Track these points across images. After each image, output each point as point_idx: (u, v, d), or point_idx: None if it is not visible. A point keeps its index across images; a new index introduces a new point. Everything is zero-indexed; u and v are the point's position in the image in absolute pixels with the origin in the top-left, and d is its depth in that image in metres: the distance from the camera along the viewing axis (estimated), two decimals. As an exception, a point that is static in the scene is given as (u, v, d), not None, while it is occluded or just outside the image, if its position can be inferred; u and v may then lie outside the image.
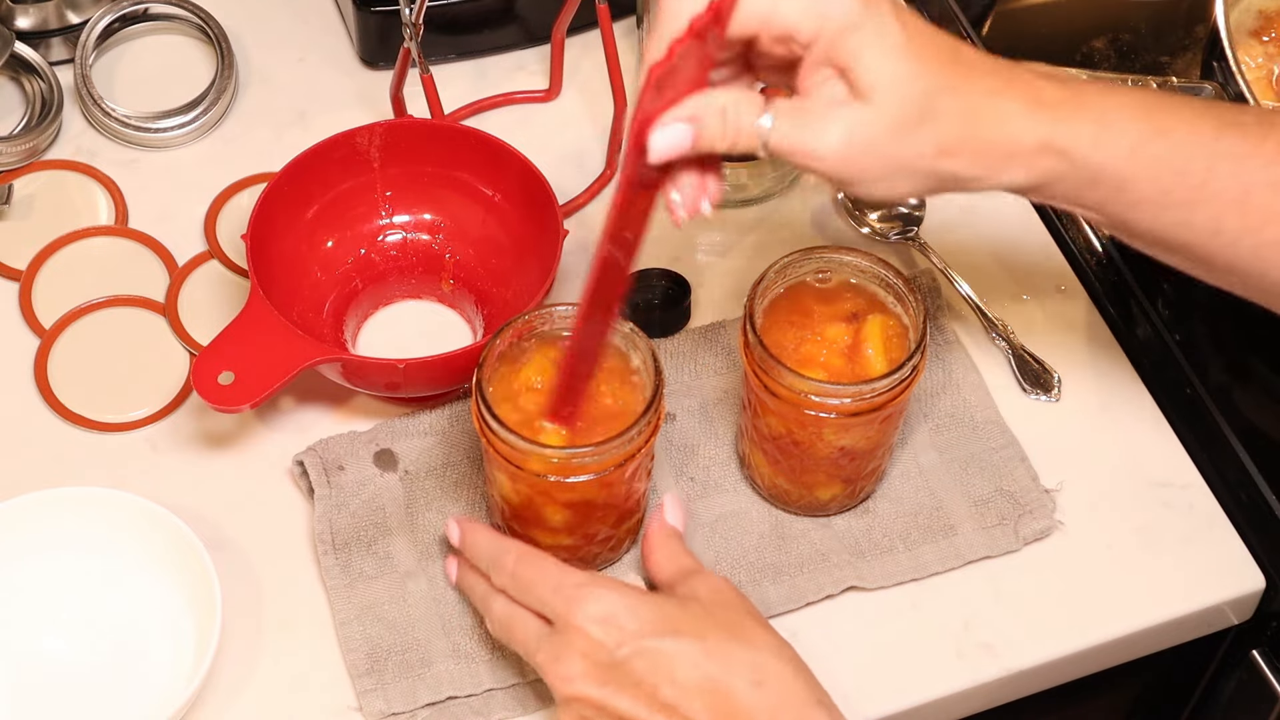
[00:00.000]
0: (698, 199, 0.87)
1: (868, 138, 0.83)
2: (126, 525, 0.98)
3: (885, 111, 0.83)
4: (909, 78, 0.83)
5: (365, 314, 1.11)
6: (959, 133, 0.84)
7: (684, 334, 1.10)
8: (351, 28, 1.23)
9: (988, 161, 0.85)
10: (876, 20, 0.82)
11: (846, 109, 0.83)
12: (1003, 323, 1.11)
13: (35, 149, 1.17)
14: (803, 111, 0.84)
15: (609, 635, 0.88)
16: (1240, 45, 1.11)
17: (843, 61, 0.83)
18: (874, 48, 0.82)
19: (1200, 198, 0.85)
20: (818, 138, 0.83)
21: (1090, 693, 1.06)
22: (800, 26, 0.82)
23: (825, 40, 0.82)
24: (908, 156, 0.84)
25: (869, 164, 0.84)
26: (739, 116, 0.83)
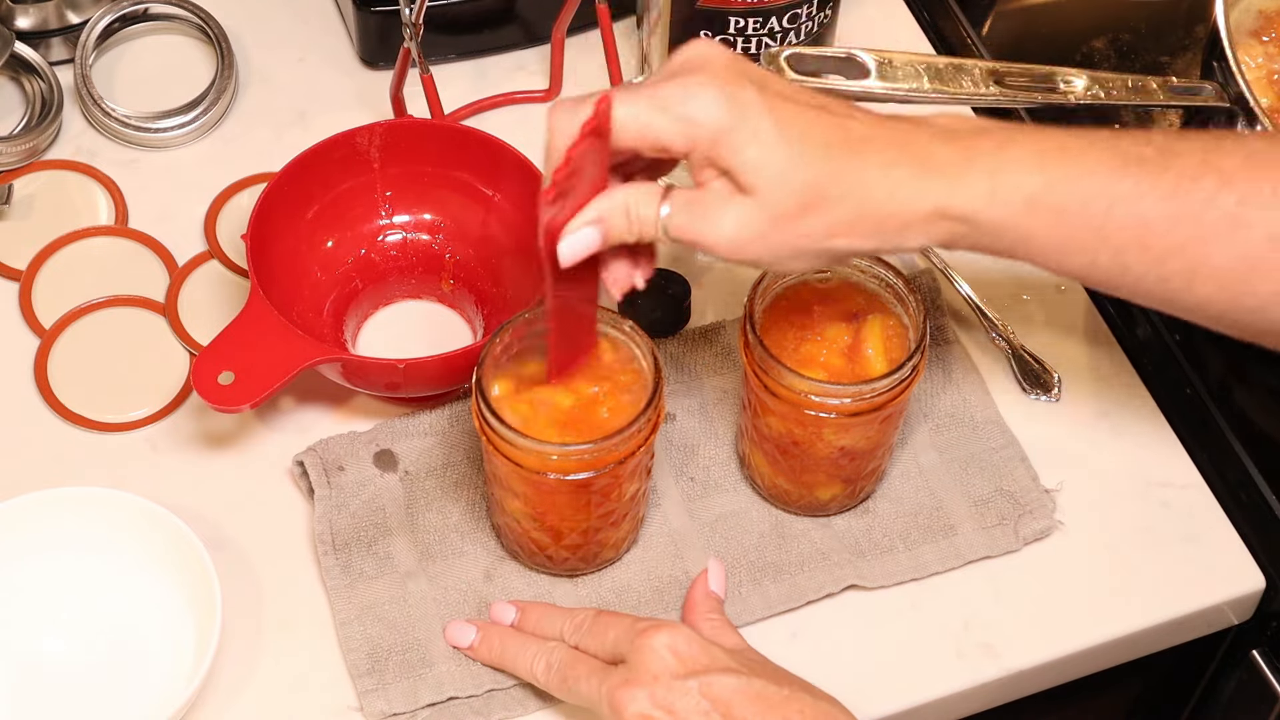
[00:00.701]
0: (629, 277, 0.91)
1: (755, 229, 0.86)
2: (126, 525, 0.98)
3: (769, 205, 0.85)
4: (789, 171, 0.85)
5: (365, 314, 1.11)
6: (848, 213, 0.86)
7: (684, 334, 1.10)
8: (351, 28, 1.23)
9: (882, 234, 0.87)
10: (746, 121, 0.85)
11: (734, 202, 0.86)
12: (1003, 323, 1.11)
13: (35, 149, 1.17)
14: (697, 204, 0.87)
15: (681, 664, 0.89)
16: (1240, 45, 1.11)
17: (722, 165, 0.86)
18: (749, 149, 0.85)
19: (1101, 239, 0.86)
20: (711, 229, 0.87)
21: (1090, 693, 1.06)
22: (673, 141, 0.86)
23: (701, 149, 0.85)
24: (798, 241, 0.87)
25: (761, 250, 0.87)
26: (639, 210, 0.87)
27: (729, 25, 1.05)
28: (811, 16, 1.06)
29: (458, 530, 1.02)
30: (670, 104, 0.85)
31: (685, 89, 0.85)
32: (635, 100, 0.86)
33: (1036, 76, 1.06)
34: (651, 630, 0.90)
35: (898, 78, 0.99)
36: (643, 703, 0.88)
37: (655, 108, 0.85)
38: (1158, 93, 1.08)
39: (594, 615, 0.94)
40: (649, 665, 0.89)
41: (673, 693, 0.88)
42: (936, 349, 1.09)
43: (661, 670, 0.89)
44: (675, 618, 0.99)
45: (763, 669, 0.91)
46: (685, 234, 0.87)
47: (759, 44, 1.06)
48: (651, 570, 1.01)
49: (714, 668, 0.89)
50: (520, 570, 1.01)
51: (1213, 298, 0.87)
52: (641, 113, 0.85)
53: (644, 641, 0.90)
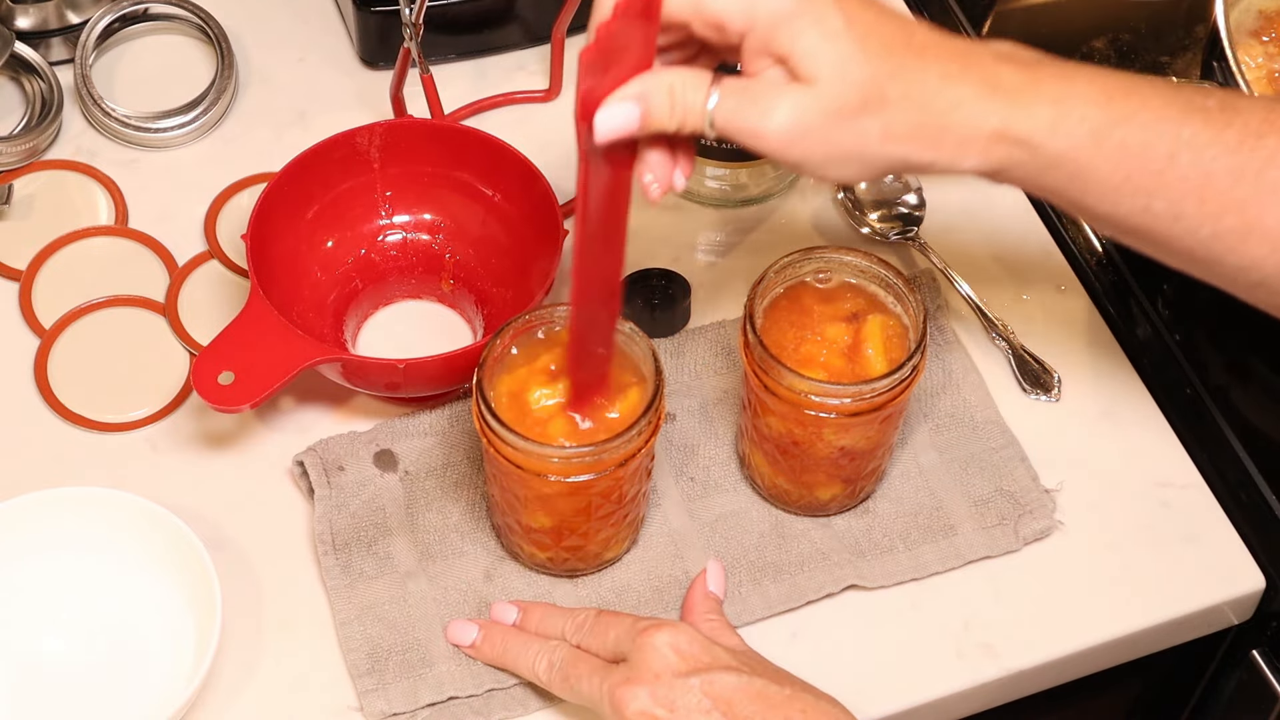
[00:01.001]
0: (669, 176, 0.86)
1: (810, 121, 0.82)
2: (126, 525, 0.98)
3: (827, 96, 0.82)
4: (851, 63, 0.81)
5: (365, 314, 1.11)
6: (908, 119, 0.83)
7: (684, 334, 1.10)
8: (351, 28, 1.23)
9: (939, 148, 0.84)
10: (811, 5, 0.81)
11: (790, 91, 0.82)
12: (1003, 323, 1.11)
13: (35, 149, 1.17)
14: (748, 91, 0.83)
15: (682, 662, 0.89)
16: (1240, 45, 1.11)
17: (780, 50, 0.82)
18: (811, 35, 0.81)
19: (1160, 185, 0.84)
20: (762, 118, 0.82)
21: (1090, 693, 1.06)
22: (731, 17, 0.82)
23: (759, 30, 0.82)
24: (853, 142, 0.83)
25: (813, 147, 0.83)
26: (685, 95, 0.83)
27: (729, 25, 1.05)
28: (811, 16, 1.06)
29: (458, 530, 1.02)
30: None
31: None
32: None
33: (1036, 76, 1.06)
34: (653, 629, 0.90)
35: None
36: (644, 700, 0.88)
37: None
38: (1158, 93, 1.08)
39: (595, 615, 0.94)
40: (650, 663, 0.89)
41: (674, 690, 0.88)
42: (936, 349, 1.09)
43: (663, 668, 0.89)
44: (675, 617, 0.99)
45: (763, 669, 0.91)
46: (733, 124, 0.83)
47: (759, 44, 1.06)
48: (651, 570, 1.01)
49: (716, 666, 0.89)
50: (520, 570, 1.01)
51: (1262, 261, 0.84)
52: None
53: (645, 640, 0.90)
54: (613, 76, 0.82)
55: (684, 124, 0.84)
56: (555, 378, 0.95)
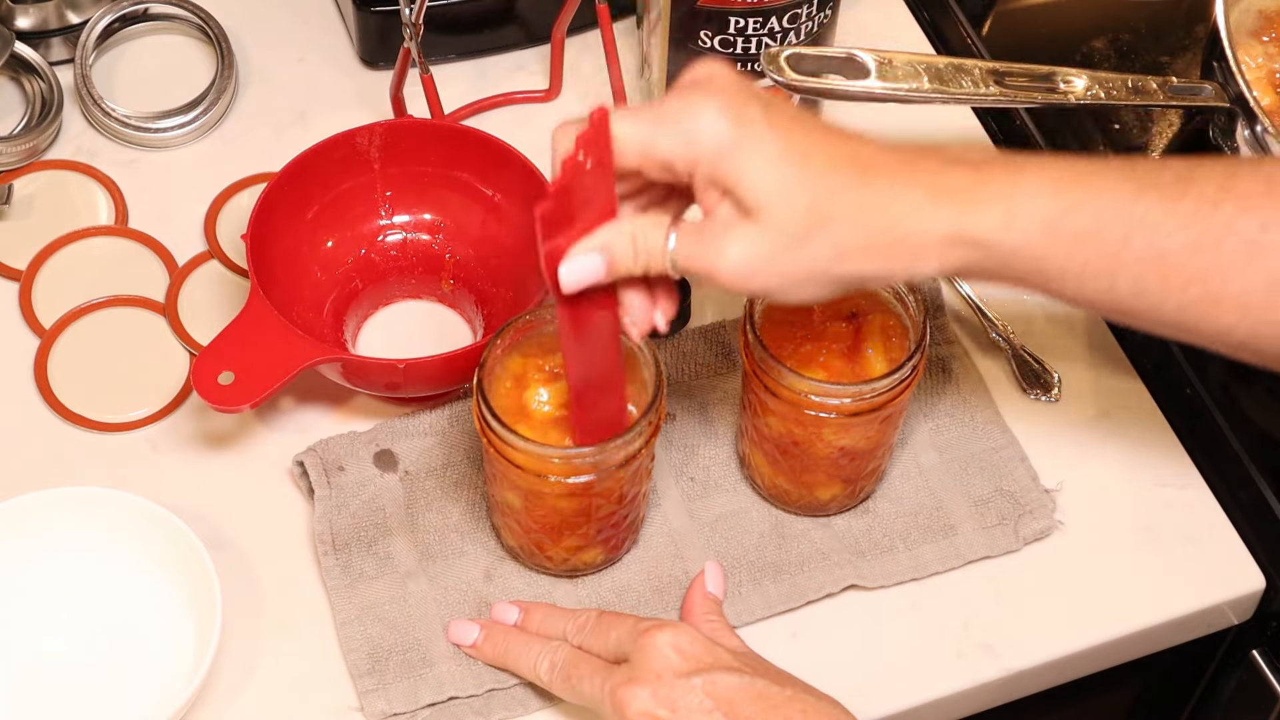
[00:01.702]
0: (649, 317, 0.89)
1: (761, 255, 0.83)
2: (126, 525, 0.98)
3: (774, 227, 0.83)
4: (793, 190, 0.82)
5: (365, 314, 1.11)
6: (857, 236, 0.83)
7: (684, 334, 1.10)
8: (351, 28, 1.23)
9: (894, 259, 0.84)
10: (750, 138, 0.82)
11: (738, 228, 0.83)
12: (1003, 323, 1.11)
13: (35, 149, 1.17)
14: (702, 233, 0.84)
15: (684, 662, 0.89)
16: (1240, 45, 1.11)
17: (725, 184, 0.83)
18: (751, 165, 0.82)
19: (1119, 265, 0.84)
20: (716, 258, 0.84)
21: (1090, 693, 1.06)
22: (675, 158, 0.83)
23: (704, 167, 0.83)
24: (807, 266, 0.84)
25: (769, 279, 0.84)
26: (646, 240, 0.85)
27: (729, 25, 1.05)
28: (811, 16, 1.06)
29: (458, 530, 1.02)
30: (671, 119, 0.83)
31: (688, 104, 0.83)
32: (635, 116, 0.84)
33: (1036, 76, 1.06)
34: (655, 629, 0.90)
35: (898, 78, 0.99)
36: (645, 701, 0.88)
37: (656, 123, 0.83)
38: (1158, 93, 1.08)
39: (597, 615, 0.94)
40: (652, 663, 0.89)
41: (676, 690, 0.88)
42: (936, 349, 1.09)
43: (664, 668, 0.89)
44: (675, 618, 0.99)
45: (764, 669, 0.91)
46: (692, 264, 0.84)
47: (759, 44, 1.06)
48: (651, 570, 1.01)
49: (717, 666, 0.89)
50: (520, 570, 1.01)
51: (1234, 326, 0.85)
52: (642, 128, 0.83)
53: (647, 640, 0.90)
54: (577, 228, 0.85)
55: (649, 268, 0.86)
56: (555, 379, 0.95)
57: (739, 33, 1.06)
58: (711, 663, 0.89)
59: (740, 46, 1.06)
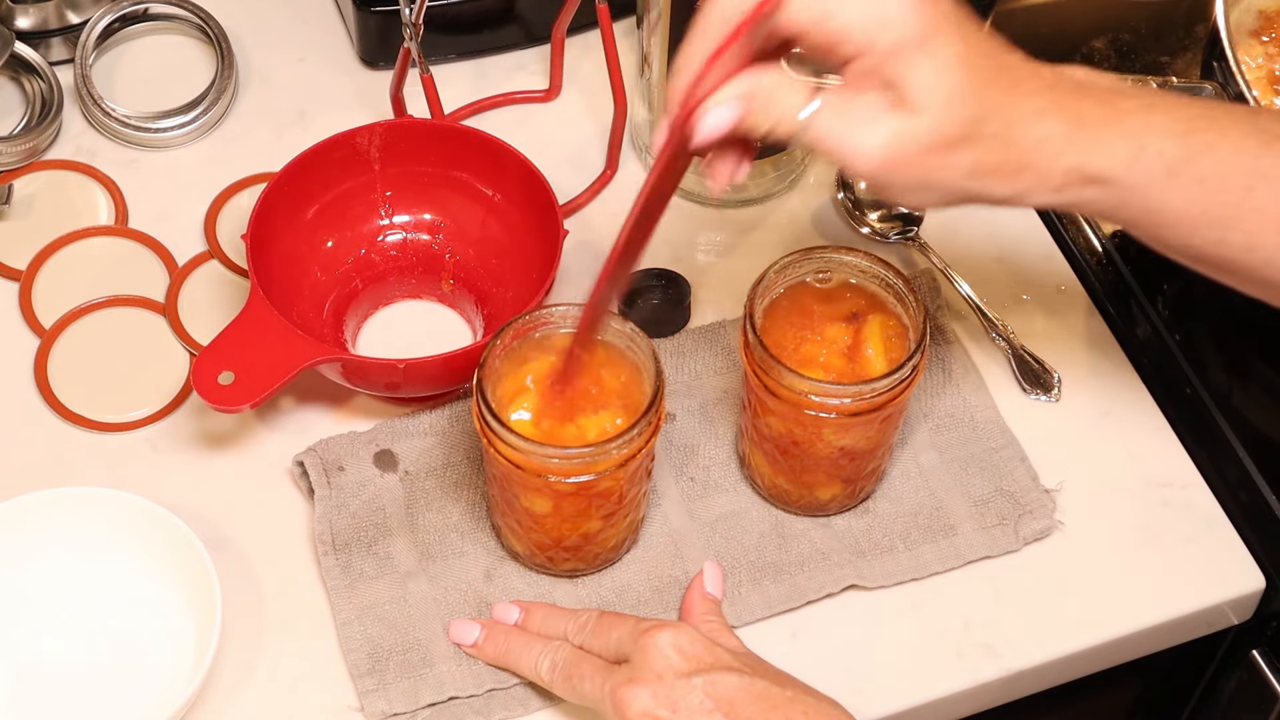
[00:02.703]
0: (734, 169, 0.86)
1: (905, 149, 0.82)
2: (126, 525, 0.98)
3: (930, 128, 0.82)
4: (960, 98, 0.81)
5: (365, 314, 1.11)
6: (995, 156, 0.83)
7: (684, 334, 1.10)
8: (351, 28, 1.23)
9: (1017, 183, 0.84)
10: (934, 37, 0.81)
11: (891, 116, 0.82)
12: (1003, 323, 1.11)
13: (35, 149, 1.17)
14: (850, 109, 0.82)
15: (685, 662, 0.89)
16: (1240, 45, 1.11)
17: (893, 75, 0.81)
18: (926, 67, 0.81)
19: (1236, 216, 0.83)
20: (858, 139, 0.82)
21: (1090, 693, 1.06)
22: (852, 35, 0.81)
23: (879, 51, 0.81)
24: (941, 173, 0.83)
25: (901, 174, 0.83)
26: (784, 100, 0.82)
27: (729, 25, 1.05)
28: (811, 16, 1.06)
29: (458, 530, 1.02)
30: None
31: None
32: None
33: (1036, 76, 1.06)
34: (655, 629, 0.90)
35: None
36: (646, 701, 0.88)
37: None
38: (1158, 93, 1.08)
39: (598, 615, 0.94)
40: (653, 664, 0.89)
41: (676, 691, 0.88)
42: (936, 349, 1.09)
43: (665, 669, 0.89)
44: (675, 617, 0.99)
45: (764, 670, 0.91)
46: (828, 138, 0.82)
47: (759, 44, 1.06)
48: (651, 570, 1.01)
49: (718, 666, 0.89)
50: (520, 570, 1.01)
51: None
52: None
53: (648, 640, 0.90)
54: (712, 75, 0.82)
55: (775, 129, 0.83)
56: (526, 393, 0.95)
57: (739, 33, 1.05)
58: (712, 663, 0.89)
59: (740, 46, 1.06)
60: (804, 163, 1.18)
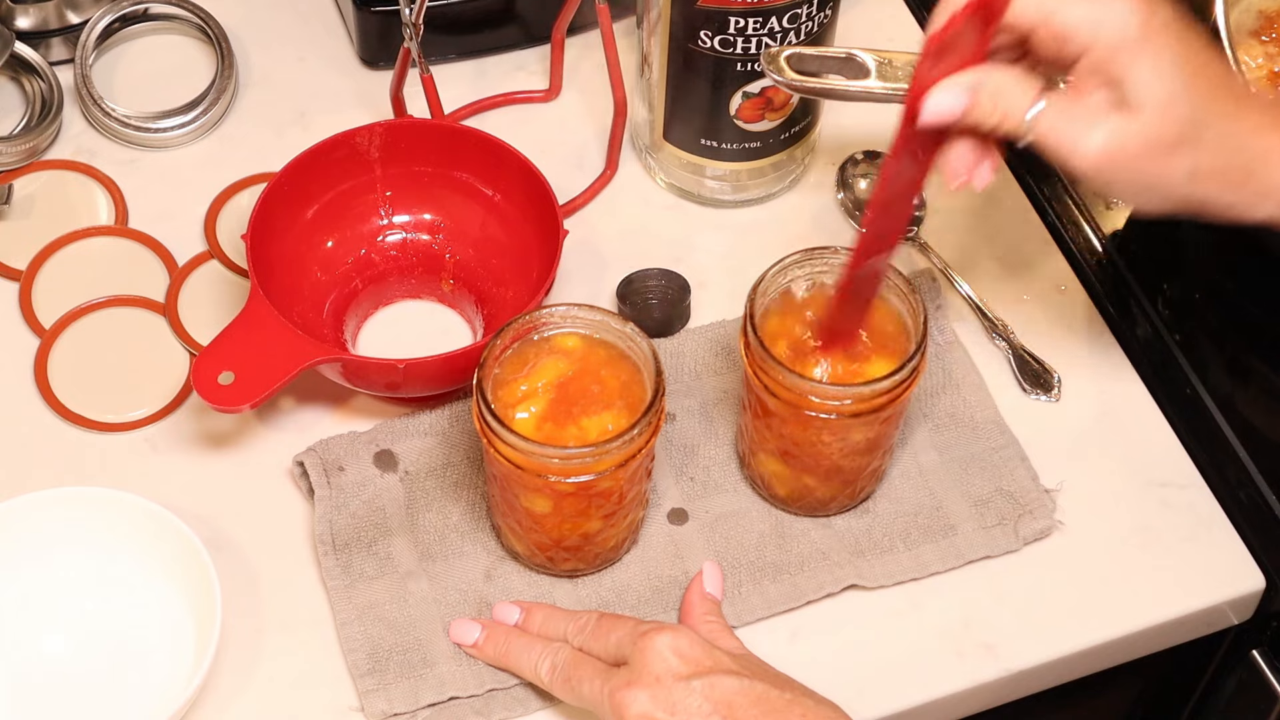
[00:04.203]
0: (971, 168, 0.89)
1: (1125, 149, 0.85)
2: (126, 525, 0.98)
3: (1148, 128, 0.84)
4: (1178, 100, 0.84)
5: (365, 314, 1.11)
6: (1217, 162, 0.86)
7: (684, 334, 1.10)
8: (351, 28, 1.23)
9: (1239, 193, 0.87)
10: (1155, 41, 0.84)
11: (1112, 117, 0.85)
12: (1003, 323, 1.11)
13: (35, 149, 1.17)
14: (1073, 108, 0.85)
15: (684, 665, 0.89)
16: (1240, 45, 1.11)
17: (1115, 73, 0.84)
18: (1146, 66, 0.84)
19: None
20: (1080, 137, 0.85)
21: (1090, 693, 1.06)
22: (1078, 31, 0.84)
23: (1100, 50, 0.84)
24: (1160, 175, 0.86)
25: (1121, 174, 0.86)
26: (1012, 97, 0.86)
27: (729, 25, 1.05)
28: (811, 16, 1.06)
29: (458, 530, 1.02)
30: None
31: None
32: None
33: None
34: (654, 632, 0.90)
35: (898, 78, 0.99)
36: (645, 703, 0.88)
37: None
38: (1158, 93, 1.08)
39: (598, 617, 0.94)
40: (652, 666, 0.89)
41: (675, 693, 0.88)
42: (936, 349, 1.09)
43: (664, 671, 0.89)
44: (675, 617, 0.99)
45: (764, 673, 0.91)
46: (1051, 137, 0.86)
47: (759, 44, 1.06)
48: (651, 570, 1.01)
49: (717, 669, 0.89)
50: (520, 570, 1.01)
51: None
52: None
53: (647, 643, 0.90)
54: (945, 65, 0.85)
55: (1002, 124, 0.86)
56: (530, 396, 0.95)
57: (739, 33, 1.06)
58: (711, 666, 0.89)
59: (740, 46, 1.06)
60: (804, 163, 1.18)
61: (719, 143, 1.12)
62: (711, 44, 1.06)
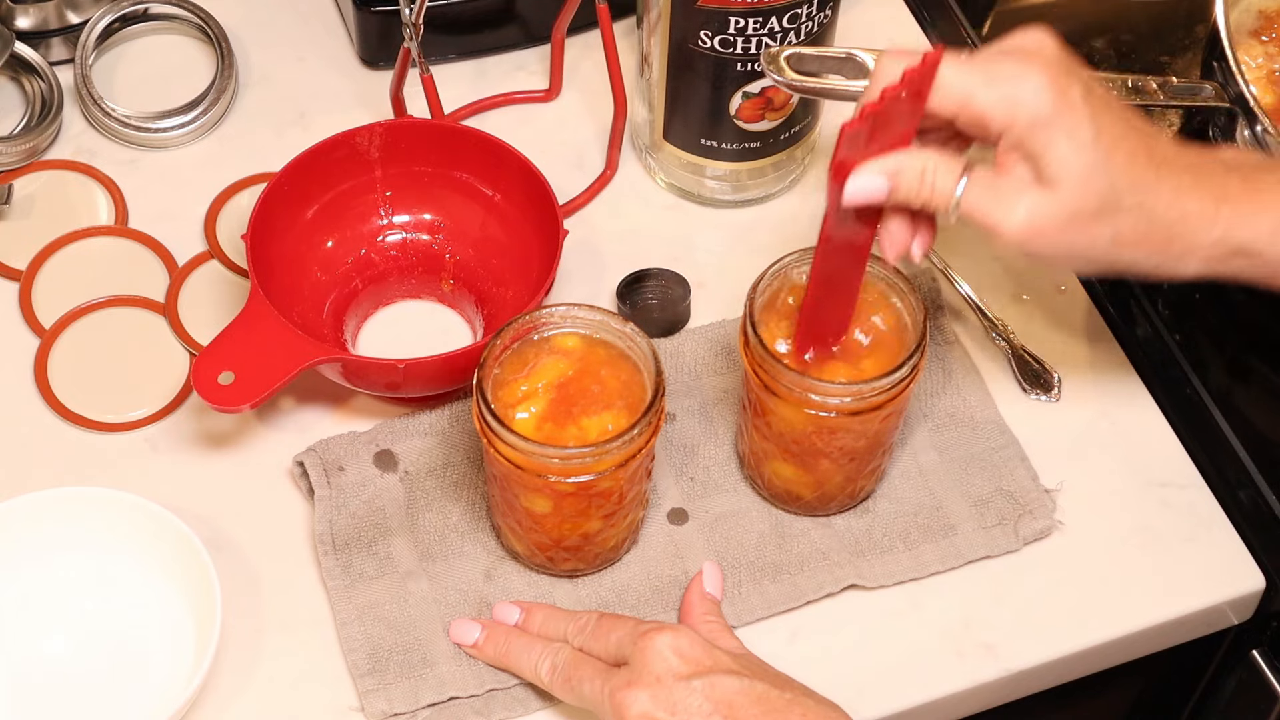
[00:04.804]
0: (904, 244, 0.92)
1: (1046, 223, 0.87)
2: (126, 525, 0.98)
3: (1067, 202, 0.87)
4: (1094, 174, 0.86)
5: (365, 314, 1.11)
6: (1137, 228, 0.88)
7: (684, 334, 1.10)
8: (351, 28, 1.23)
9: (1164, 254, 0.90)
10: (1067, 118, 0.86)
11: (1031, 193, 0.87)
12: (1003, 323, 1.11)
13: (35, 149, 1.17)
14: (995, 187, 0.88)
15: (684, 665, 0.89)
16: (1240, 45, 1.11)
17: (1033, 149, 0.87)
18: (1062, 143, 0.86)
19: None
20: (1004, 214, 0.88)
21: (1090, 693, 1.06)
22: (995, 113, 0.87)
23: (1019, 128, 0.86)
24: (1084, 244, 0.88)
25: (1046, 246, 0.88)
26: (936, 179, 0.88)
27: (729, 25, 1.05)
28: (811, 16, 1.06)
29: (458, 530, 1.02)
30: (1000, 80, 0.87)
31: (1019, 69, 0.87)
32: (965, 68, 0.87)
33: (1037, 76, 1.06)
34: (654, 632, 0.90)
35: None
36: (645, 704, 0.88)
37: (984, 79, 0.87)
38: (1158, 93, 1.08)
39: (598, 617, 0.94)
40: (652, 666, 0.89)
41: (675, 694, 0.88)
42: (936, 349, 1.09)
43: (664, 671, 0.89)
44: (674, 617, 0.99)
45: (764, 673, 0.91)
46: (976, 213, 0.88)
47: (759, 44, 1.06)
48: (651, 570, 1.01)
49: (717, 669, 0.89)
50: (520, 570, 1.01)
51: None
52: (970, 80, 0.87)
53: (647, 643, 0.90)
54: (871, 146, 0.88)
55: (929, 203, 0.89)
56: (530, 396, 0.95)
57: (739, 33, 1.06)
58: (711, 666, 0.89)
59: (740, 46, 1.06)
60: (804, 163, 1.18)
61: (719, 143, 1.12)
62: (711, 44, 1.06)
